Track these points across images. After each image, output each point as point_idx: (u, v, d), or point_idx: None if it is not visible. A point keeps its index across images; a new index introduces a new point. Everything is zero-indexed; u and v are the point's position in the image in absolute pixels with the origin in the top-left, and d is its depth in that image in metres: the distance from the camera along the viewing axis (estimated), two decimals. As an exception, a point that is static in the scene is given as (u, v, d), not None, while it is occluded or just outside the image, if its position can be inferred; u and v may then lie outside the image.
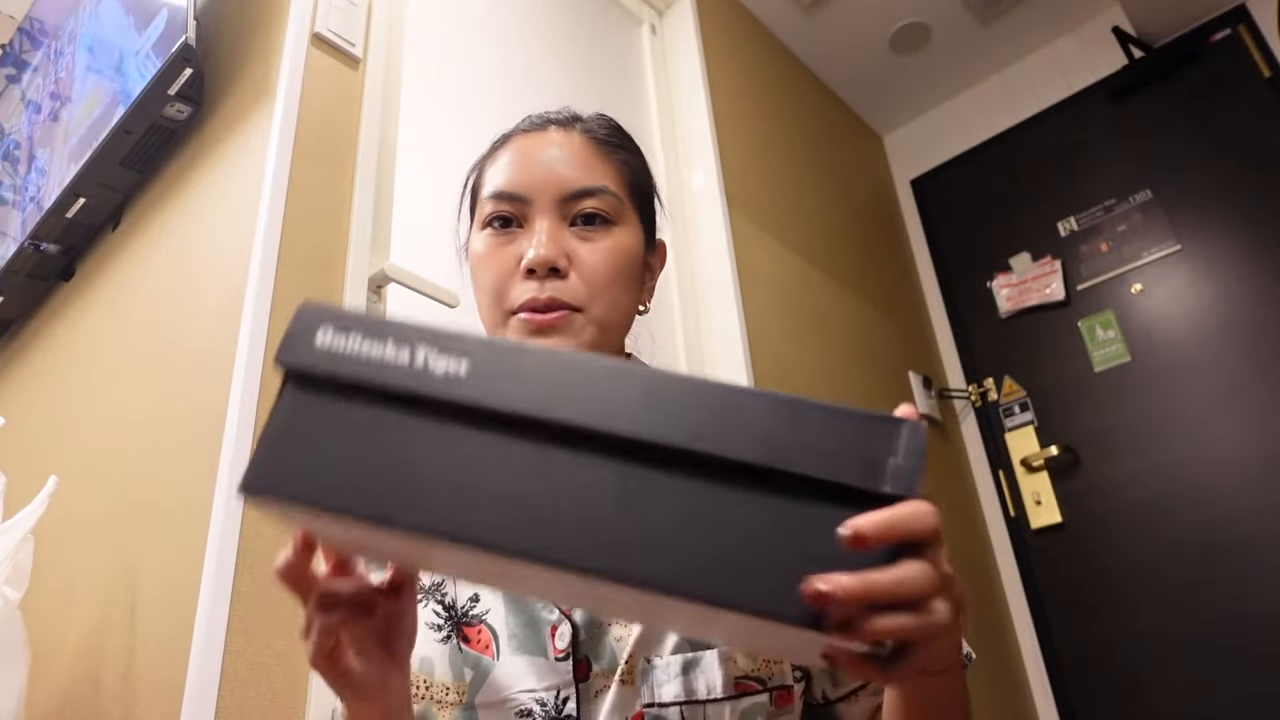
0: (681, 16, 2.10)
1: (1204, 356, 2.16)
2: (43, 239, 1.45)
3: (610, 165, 0.69)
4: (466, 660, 0.63)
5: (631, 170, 0.71)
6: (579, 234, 0.66)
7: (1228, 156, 2.24)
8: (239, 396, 0.94)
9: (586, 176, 0.67)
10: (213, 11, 1.41)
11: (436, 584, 0.67)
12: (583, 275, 0.64)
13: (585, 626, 0.61)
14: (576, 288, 0.64)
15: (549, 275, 0.63)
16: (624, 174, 0.70)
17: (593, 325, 0.64)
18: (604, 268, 0.65)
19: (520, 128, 0.72)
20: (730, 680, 0.57)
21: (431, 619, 0.65)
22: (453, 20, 1.55)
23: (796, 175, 2.32)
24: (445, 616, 0.65)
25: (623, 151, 0.71)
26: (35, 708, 1.02)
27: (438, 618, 0.65)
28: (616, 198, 0.68)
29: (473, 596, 0.65)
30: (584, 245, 0.65)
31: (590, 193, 0.66)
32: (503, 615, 0.63)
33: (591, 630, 0.61)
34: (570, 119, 0.72)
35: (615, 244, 0.66)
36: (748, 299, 1.77)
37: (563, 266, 0.63)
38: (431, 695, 0.63)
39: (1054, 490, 2.32)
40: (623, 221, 0.68)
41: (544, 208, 0.66)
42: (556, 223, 0.65)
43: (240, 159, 1.16)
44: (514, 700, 0.60)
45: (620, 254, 0.66)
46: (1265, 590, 1.93)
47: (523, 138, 0.70)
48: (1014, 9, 2.57)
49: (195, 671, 0.81)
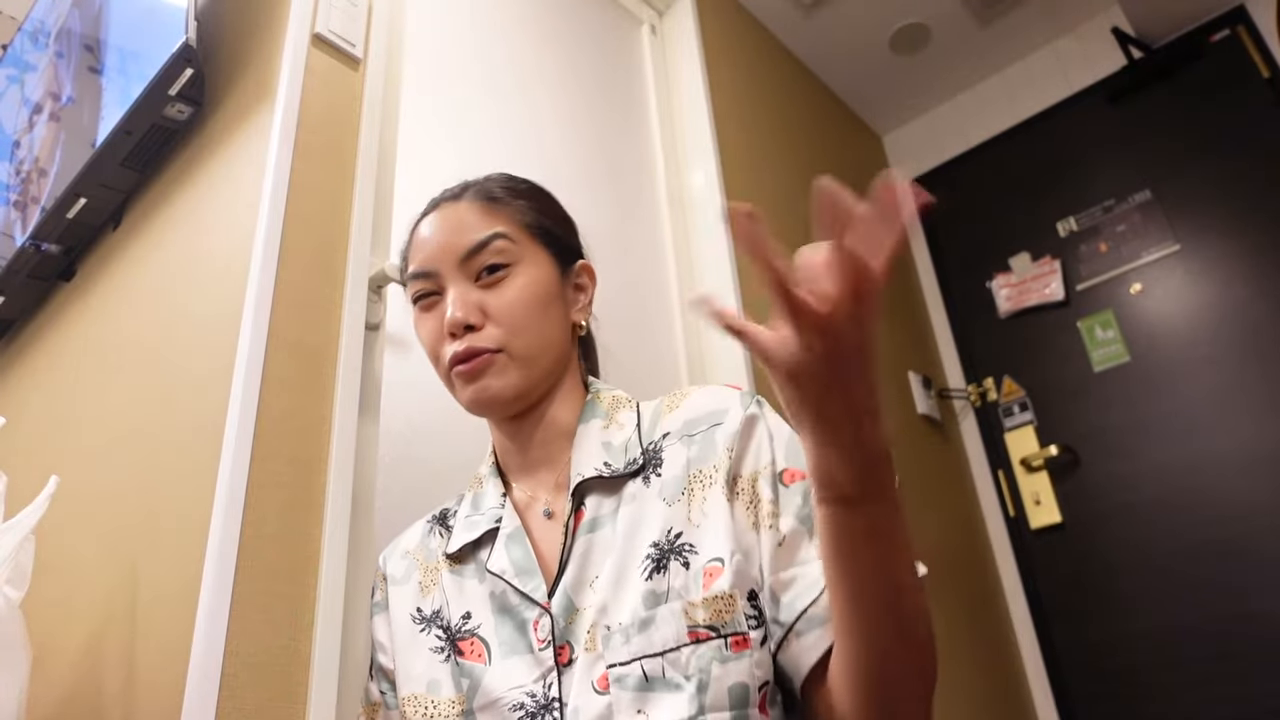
0: (681, 16, 2.10)
1: (1203, 356, 2.16)
2: (43, 239, 1.45)
3: (500, 214, 0.76)
4: (463, 672, 0.68)
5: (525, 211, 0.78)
6: (485, 285, 0.73)
7: (1227, 157, 2.25)
8: (239, 396, 0.94)
9: (476, 233, 0.74)
10: (213, 11, 1.41)
11: (436, 611, 0.74)
12: (497, 321, 0.72)
13: (562, 615, 0.65)
14: (492, 334, 0.71)
15: (465, 332, 0.71)
16: (517, 217, 0.77)
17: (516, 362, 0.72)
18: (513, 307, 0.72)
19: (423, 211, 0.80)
20: (683, 630, 0.60)
21: (435, 644, 0.72)
22: (453, 20, 1.55)
23: (796, 175, 2.32)
24: (445, 639, 0.71)
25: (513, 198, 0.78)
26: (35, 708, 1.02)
27: (440, 641, 0.72)
28: (510, 240, 0.75)
29: (465, 615, 0.71)
30: (491, 294, 0.73)
31: (482, 245, 0.73)
32: (492, 626, 0.69)
33: (569, 617, 0.65)
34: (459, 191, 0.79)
35: (521, 283, 0.73)
36: (748, 299, 1.77)
37: (475, 321, 0.71)
38: (438, 713, 0.68)
39: (1054, 490, 2.33)
40: (524, 259, 0.75)
41: (450, 275, 0.74)
42: (464, 284, 0.73)
43: (240, 159, 1.17)
44: (507, 698, 0.65)
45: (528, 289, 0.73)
46: (1265, 589, 1.93)
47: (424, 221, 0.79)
48: (1014, 9, 2.57)
49: (195, 671, 0.81)
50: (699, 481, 0.67)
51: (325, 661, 0.90)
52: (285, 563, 0.92)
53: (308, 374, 1.02)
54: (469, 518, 0.77)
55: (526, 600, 0.67)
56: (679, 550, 0.64)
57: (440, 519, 0.82)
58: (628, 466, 0.70)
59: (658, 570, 0.63)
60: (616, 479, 0.70)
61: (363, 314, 1.12)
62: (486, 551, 0.73)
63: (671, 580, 0.63)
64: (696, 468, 0.68)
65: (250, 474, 0.92)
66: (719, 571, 0.62)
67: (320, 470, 0.99)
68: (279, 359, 1.00)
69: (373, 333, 1.15)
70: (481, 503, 0.78)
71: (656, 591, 0.62)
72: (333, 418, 1.03)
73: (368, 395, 1.11)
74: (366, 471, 1.06)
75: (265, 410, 0.96)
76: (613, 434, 0.74)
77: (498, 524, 0.73)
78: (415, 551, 0.81)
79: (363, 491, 1.04)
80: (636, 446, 0.72)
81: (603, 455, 0.72)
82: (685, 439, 0.70)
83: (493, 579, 0.70)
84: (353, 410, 1.05)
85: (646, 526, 0.66)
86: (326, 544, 0.95)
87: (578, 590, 0.66)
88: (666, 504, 0.67)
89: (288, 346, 1.01)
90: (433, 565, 0.77)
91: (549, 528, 0.72)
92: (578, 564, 0.67)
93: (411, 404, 1.17)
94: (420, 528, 0.84)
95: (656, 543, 0.65)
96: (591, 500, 0.70)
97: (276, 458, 0.95)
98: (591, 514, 0.70)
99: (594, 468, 0.71)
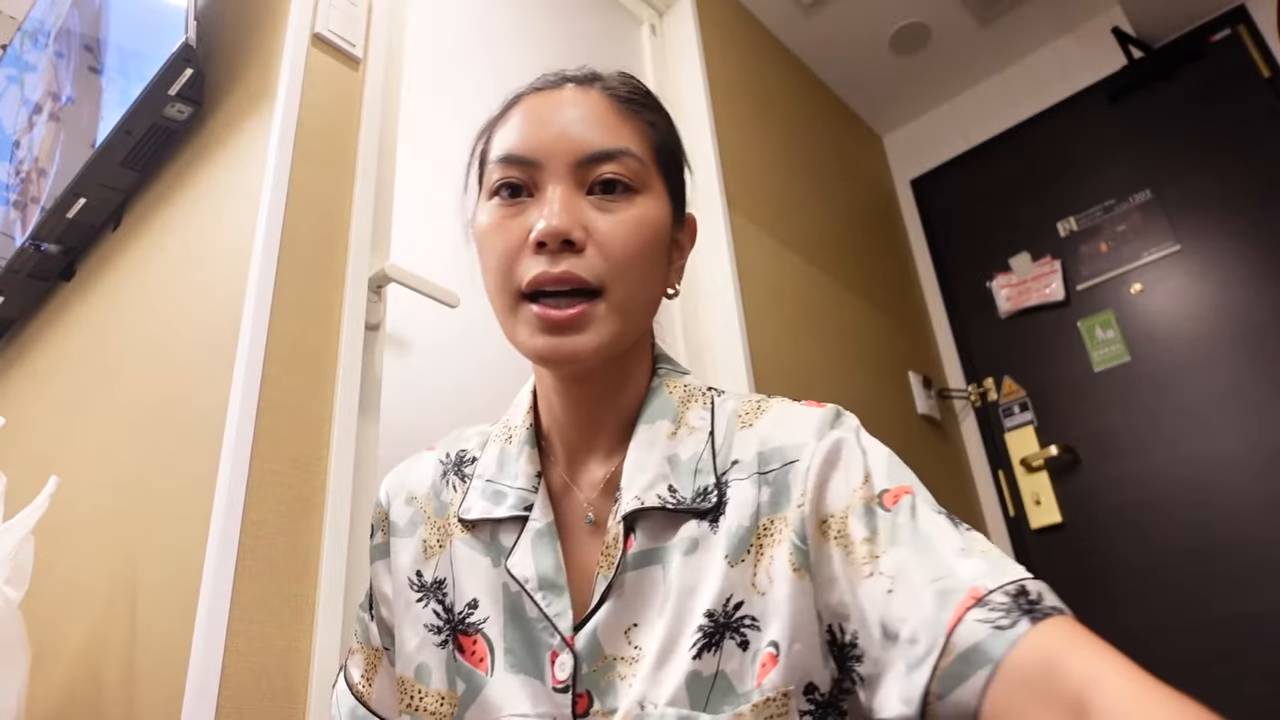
0: (681, 16, 2.10)
1: (1203, 356, 2.16)
2: (43, 239, 1.45)
3: (633, 126, 0.61)
4: (460, 672, 0.60)
5: (657, 133, 0.63)
6: (597, 203, 0.58)
7: (1227, 157, 2.24)
8: (239, 396, 0.94)
9: (606, 138, 0.59)
10: (213, 11, 1.41)
11: (438, 582, 0.64)
12: (602, 250, 0.57)
13: (588, 658, 0.56)
14: (594, 263, 0.56)
15: (562, 249, 0.56)
16: (649, 136, 0.62)
17: (615, 313, 0.57)
18: (626, 241, 0.57)
19: (534, 85, 0.64)
20: None
21: (431, 619, 0.63)
22: (453, 20, 1.55)
23: (797, 175, 2.32)
24: (444, 619, 0.62)
25: (648, 112, 0.64)
26: (35, 708, 1.02)
27: (438, 619, 0.62)
28: (640, 162, 0.60)
29: (471, 602, 0.61)
30: (603, 216, 0.58)
31: (610, 155, 0.58)
32: (500, 627, 0.59)
33: (594, 663, 0.56)
34: (589, 76, 0.64)
35: (639, 215, 0.59)
36: (748, 299, 1.77)
37: (578, 239, 0.56)
38: (425, 705, 0.61)
39: (1054, 490, 2.32)
40: (647, 190, 0.60)
41: (557, 173, 0.58)
42: (572, 190, 0.58)
43: (240, 159, 1.17)
44: None
45: (645, 226, 0.59)
46: (1265, 590, 1.93)
47: (535, 97, 0.63)
48: (1014, 9, 2.57)
49: (195, 671, 0.81)
50: (769, 536, 0.55)
51: (325, 661, 0.90)
52: (285, 562, 0.92)
53: (308, 374, 1.02)
54: (491, 483, 0.64)
55: (547, 623, 0.57)
56: (736, 626, 0.54)
57: (458, 467, 0.68)
58: (696, 499, 0.57)
59: (709, 648, 0.53)
60: (680, 512, 0.58)
61: (363, 314, 1.12)
62: (510, 537, 0.61)
63: (723, 663, 0.53)
64: (768, 517, 0.56)
65: (250, 474, 0.92)
66: (772, 663, 0.52)
67: (320, 470, 0.99)
68: (279, 359, 0.99)
69: (373, 333, 1.15)
70: (509, 467, 0.64)
71: (703, 674, 0.52)
72: (333, 418, 1.03)
73: (368, 395, 1.11)
74: (366, 471, 1.06)
75: (265, 410, 0.96)
76: (681, 444, 0.60)
77: (526, 511, 0.61)
78: (424, 501, 0.67)
79: (363, 491, 1.04)
80: (710, 471, 0.59)
81: (667, 474, 0.59)
82: (757, 477, 0.57)
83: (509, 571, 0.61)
84: (353, 410, 1.05)
85: (705, 588, 0.55)
86: (326, 544, 0.95)
87: (610, 636, 0.56)
88: (728, 563, 0.55)
89: (288, 346, 1.01)
90: (443, 524, 0.65)
91: (588, 537, 0.61)
92: (617, 604, 0.56)
93: (411, 404, 1.17)
94: (431, 468, 0.69)
95: (712, 612, 0.54)
96: (644, 528, 0.58)
97: (276, 457, 0.95)
98: (643, 544, 0.57)
99: (657, 494, 0.57)
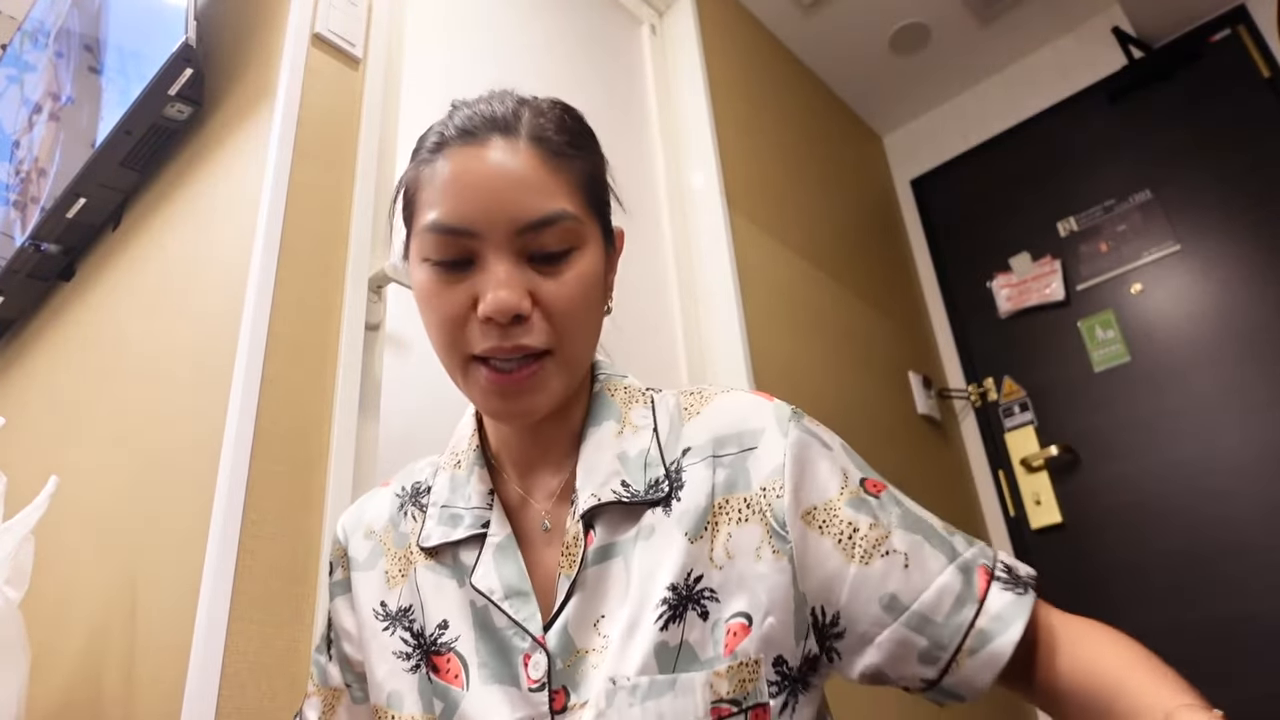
0: (681, 16, 2.10)
1: (1204, 356, 2.16)
2: (43, 239, 1.45)
3: (565, 177, 0.59)
4: (435, 691, 0.60)
5: (586, 172, 0.62)
6: (540, 270, 0.57)
7: (1227, 157, 2.25)
8: (239, 396, 0.94)
9: (540, 200, 0.57)
10: (213, 11, 1.41)
11: (404, 609, 0.64)
12: (549, 316, 0.57)
13: (560, 654, 0.57)
14: (542, 330, 0.57)
15: (512, 323, 0.56)
16: (581, 180, 0.61)
17: (564, 368, 0.59)
18: (572, 303, 0.58)
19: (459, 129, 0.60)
20: (707, 704, 0.53)
21: (399, 647, 0.63)
22: (453, 20, 1.55)
23: (797, 175, 2.32)
24: (414, 645, 0.63)
25: (576, 152, 0.62)
26: (35, 708, 1.02)
27: (406, 645, 0.63)
28: (577, 219, 0.58)
29: (441, 623, 0.62)
30: (546, 282, 0.57)
31: (548, 221, 0.57)
32: (473, 642, 0.60)
33: (567, 658, 0.57)
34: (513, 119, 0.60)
35: (579, 273, 0.58)
36: (748, 299, 1.77)
37: (525, 310, 0.56)
38: None
39: (1054, 490, 2.33)
40: (585, 242, 0.60)
41: (495, 243, 0.56)
42: (512, 260, 0.57)
43: (240, 159, 1.17)
44: None
45: (586, 279, 0.59)
46: (1266, 590, 1.93)
47: (461, 153, 0.58)
48: (1014, 9, 2.57)
49: (195, 672, 0.81)
50: (724, 514, 0.59)
51: (325, 661, 0.90)
52: (285, 562, 0.92)
53: (308, 374, 1.02)
54: (446, 508, 0.65)
55: (518, 628, 0.58)
56: (697, 598, 0.56)
57: (414, 498, 0.69)
58: (650, 491, 0.60)
59: (673, 619, 0.56)
60: (636, 504, 0.60)
61: (363, 314, 1.12)
62: (470, 555, 0.63)
63: (687, 633, 0.55)
64: (723, 496, 0.59)
65: (250, 474, 0.92)
66: (744, 632, 0.55)
67: (320, 470, 0.99)
68: (279, 359, 0.99)
69: (373, 333, 1.15)
70: (462, 490, 0.66)
71: (670, 644, 0.55)
72: (333, 418, 1.03)
73: (368, 395, 1.11)
74: (366, 471, 1.06)
75: (265, 410, 0.96)
76: (628, 441, 0.63)
77: (484, 529, 0.63)
78: (382, 534, 0.69)
79: (362, 491, 1.04)
80: (658, 463, 0.62)
81: (619, 471, 0.61)
82: (711, 460, 0.61)
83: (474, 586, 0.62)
84: (353, 410, 1.05)
85: (664, 567, 0.57)
86: (326, 544, 0.95)
87: (580, 629, 0.57)
88: (688, 539, 0.58)
89: (288, 346, 1.01)
90: (403, 554, 0.66)
91: (546, 543, 0.62)
92: (583, 599, 0.58)
93: (411, 404, 1.17)
94: (387, 502, 0.71)
95: (674, 585, 0.56)
96: (603, 523, 0.60)
97: (276, 458, 0.95)
98: (602, 540, 0.59)
99: (611, 490, 0.60)
